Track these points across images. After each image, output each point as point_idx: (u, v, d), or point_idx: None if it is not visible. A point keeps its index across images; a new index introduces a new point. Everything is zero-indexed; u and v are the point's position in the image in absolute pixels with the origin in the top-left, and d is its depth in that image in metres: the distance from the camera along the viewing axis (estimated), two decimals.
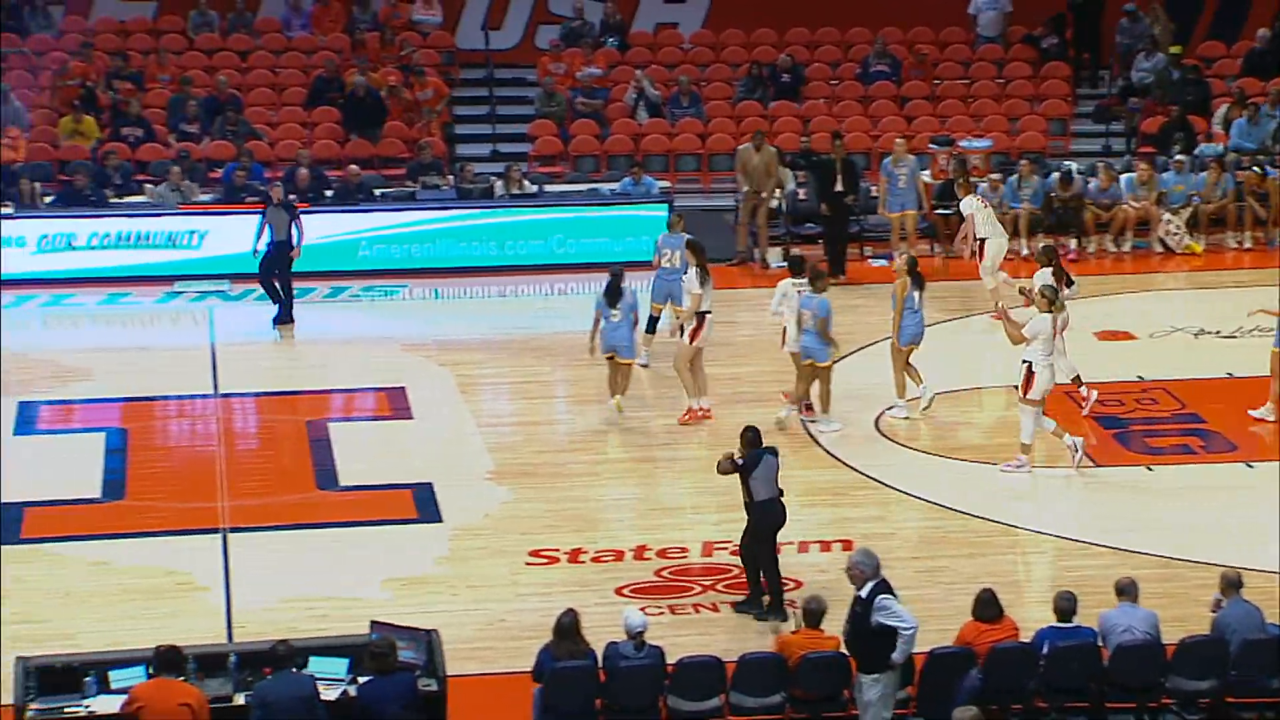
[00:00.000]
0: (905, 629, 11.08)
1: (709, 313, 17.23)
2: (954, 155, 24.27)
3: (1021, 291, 17.08)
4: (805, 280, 17.05)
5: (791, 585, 13.75)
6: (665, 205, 22.88)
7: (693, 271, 17.25)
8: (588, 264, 22.24)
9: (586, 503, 15.72)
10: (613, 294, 17.17)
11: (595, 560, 14.28)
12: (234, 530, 14.76)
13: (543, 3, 27.72)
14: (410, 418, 17.58)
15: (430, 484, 15.70)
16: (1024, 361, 15.91)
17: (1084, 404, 17.44)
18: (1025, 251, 23.46)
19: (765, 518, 13.35)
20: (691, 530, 14.85)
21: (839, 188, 22.20)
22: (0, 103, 24.22)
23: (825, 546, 14.50)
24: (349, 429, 17.36)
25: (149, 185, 23.27)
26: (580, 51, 26.68)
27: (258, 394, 18.33)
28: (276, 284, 20.35)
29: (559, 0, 27.62)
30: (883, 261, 22.93)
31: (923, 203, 22.98)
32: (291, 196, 21.27)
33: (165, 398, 18.24)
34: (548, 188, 24.12)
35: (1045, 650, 11.51)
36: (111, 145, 23.93)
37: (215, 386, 18.47)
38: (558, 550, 14.40)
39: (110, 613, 13.28)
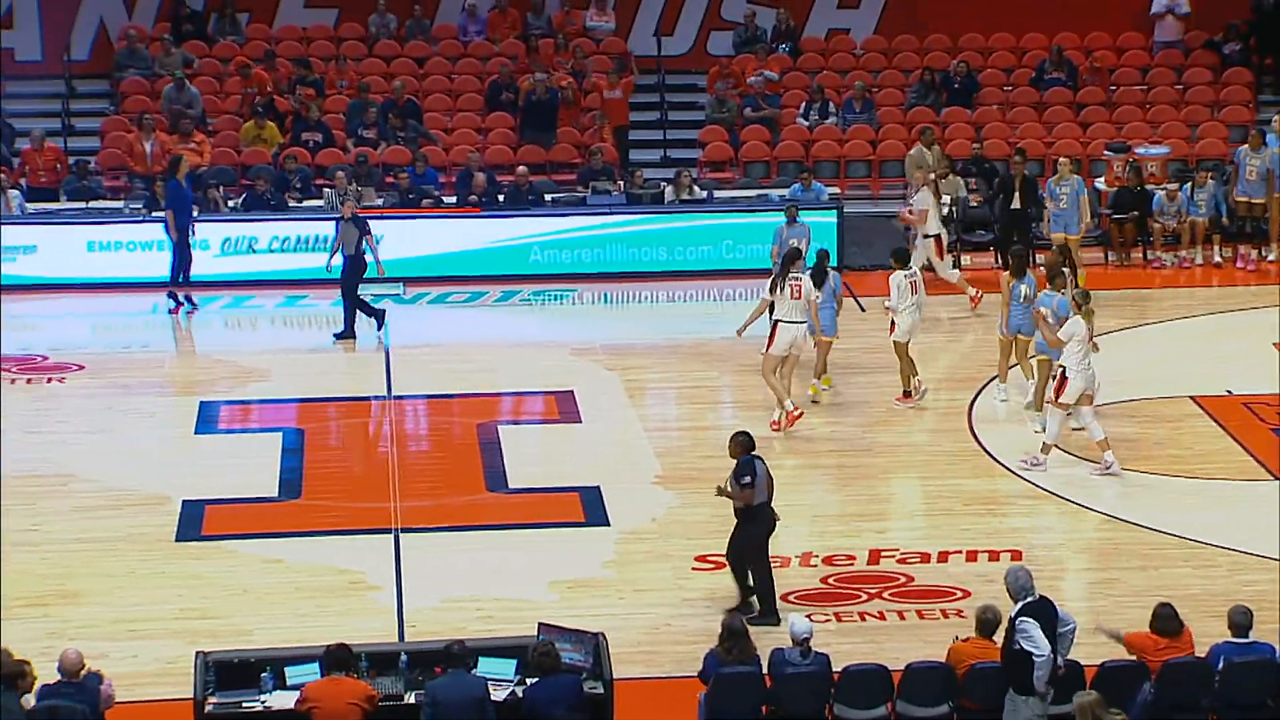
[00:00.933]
0: (1037, 655, 10.93)
1: (795, 322, 17.09)
2: (1130, 162, 23.87)
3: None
4: (914, 270, 18.01)
5: (960, 595, 13.61)
6: (835, 211, 22.81)
7: (773, 280, 17.37)
8: (757, 269, 22.20)
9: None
10: (818, 276, 17.85)
11: None
12: (405, 531, 14.95)
13: (715, 9, 27.73)
14: (579, 421, 17.69)
15: (598, 487, 15.77)
16: (1059, 366, 16.01)
17: None
18: (1199, 260, 23.01)
19: (760, 524, 13.23)
20: (858, 538, 14.77)
21: (1015, 204, 21.79)
22: (180, 95, 24.79)
23: (994, 556, 14.34)
24: (518, 432, 17.50)
25: (327, 189, 23.65)
26: (752, 57, 26.67)
27: (429, 396, 18.55)
28: (349, 300, 20.05)
29: (731, 6, 27.61)
30: None
31: (1085, 221, 22.23)
32: (356, 208, 20.60)
33: (340, 399, 18.54)
34: (717, 193, 24.13)
35: (1220, 665, 11.26)
36: (292, 150, 24.35)
37: (388, 388, 18.73)
38: (723, 556, 14.39)
39: (285, 610, 13.51)
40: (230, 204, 23.41)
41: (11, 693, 10.60)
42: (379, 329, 20.25)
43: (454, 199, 23.68)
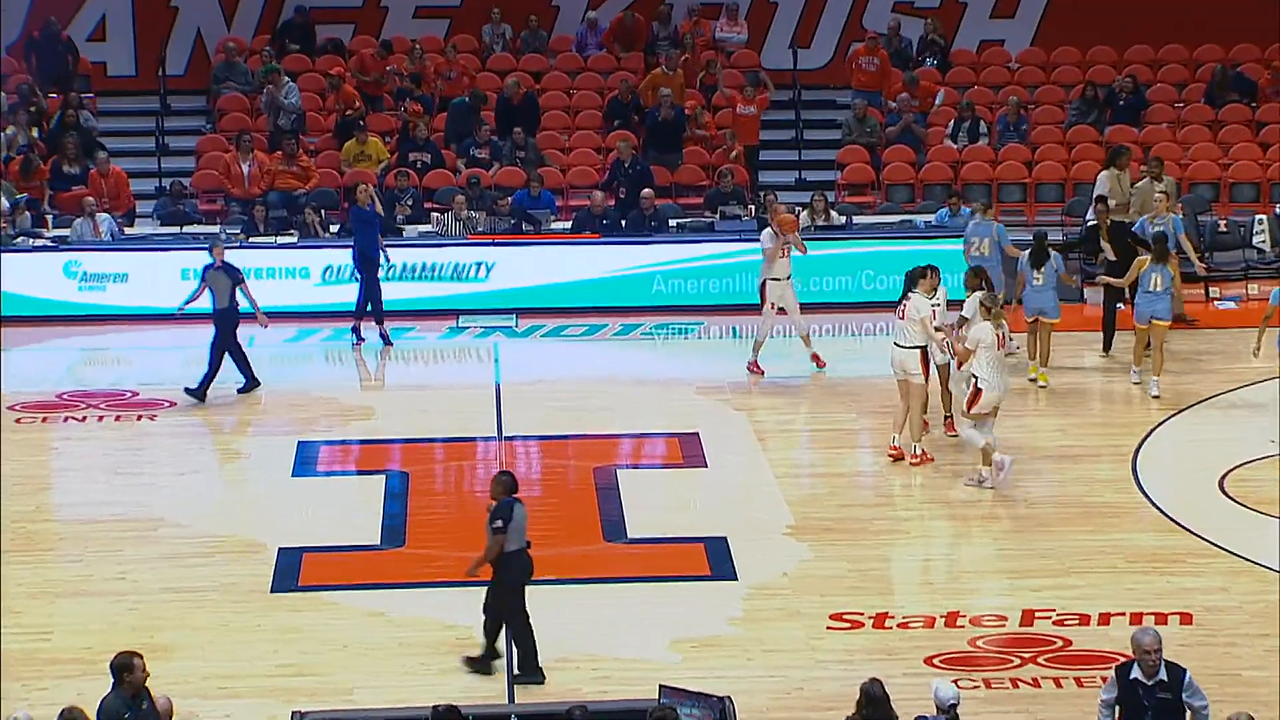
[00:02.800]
0: (1206, 709, 10.98)
1: (898, 345, 17.46)
2: None
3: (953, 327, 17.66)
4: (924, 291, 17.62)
5: (1122, 661, 13.45)
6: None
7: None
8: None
9: (894, 563, 15.64)
10: (1038, 256, 19.00)
11: (902, 626, 14.19)
12: None
13: (856, 19, 27.73)
14: (704, 466, 17.72)
15: (724, 538, 15.78)
16: (971, 376, 16.62)
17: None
18: None
19: (513, 571, 13.22)
20: (1011, 596, 14.66)
21: (1112, 256, 20.77)
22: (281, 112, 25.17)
23: (1161, 619, 14.17)
24: (638, 477, 17.57)
25: (435, 214, 23.88)
26: (897, 72, 26.64)
27: (543, 437, 18.68)
28: (226, 354, 19.41)
29: (874, 15, 27.58)
30: (1230, 304, 22.42)
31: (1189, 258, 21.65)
32: (228, 259, 19.76)
33: (447, 439, 18.71)
34: (856, 219, 24.12)
35: None
36: (401, 169, 24.55)
37: (499, 428, 18.87)
38: (861, 614, 14.35)
39: (388, 667, 13.63)
40: (332, 229, 23.70)
41: (116, 691, 10.87)
42: (197, 390, 19.36)
43: (568, 224, 23.83)
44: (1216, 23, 27.05)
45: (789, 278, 20.06)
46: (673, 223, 23.83)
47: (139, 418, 19.22)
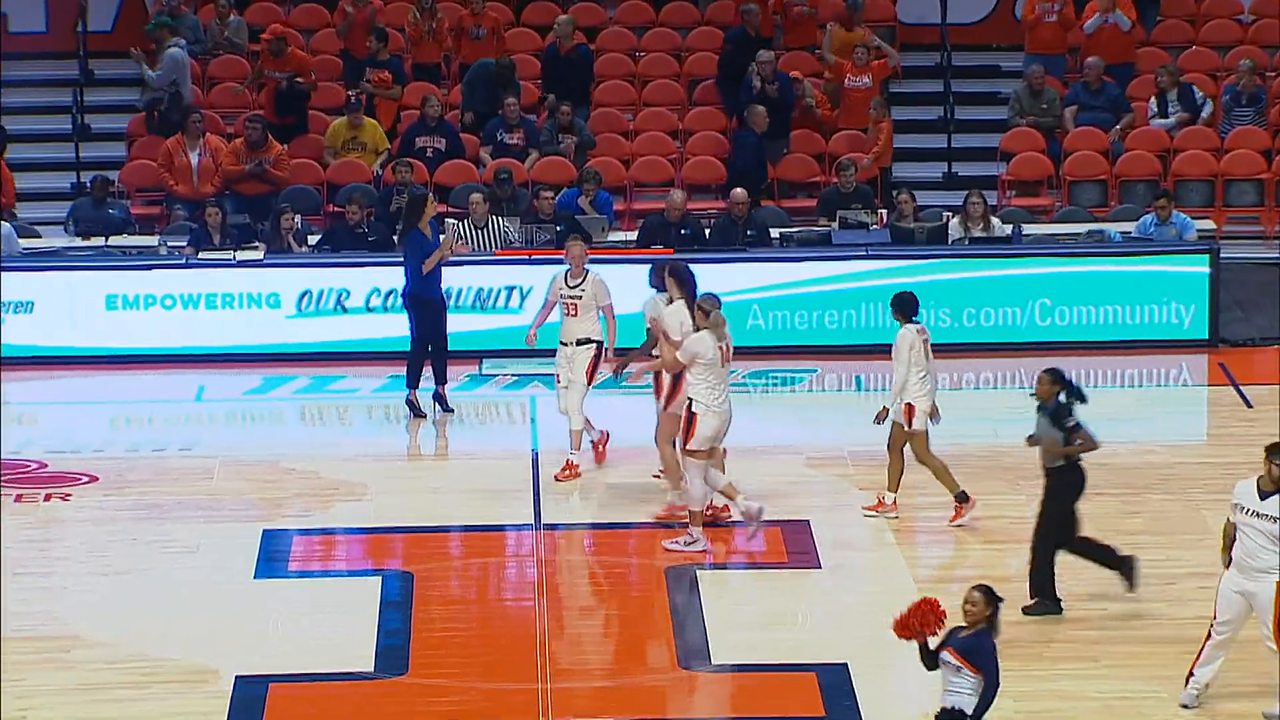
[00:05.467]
0: None
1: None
2: None
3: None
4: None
5: None
6: (1205, 256, 22.67)
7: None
8: (1088, 343, 22.17)
9: (1077, 701, 15.61)
10: None
11: None
12: None
13: None
14: (816, 566, 17.76)
15: (844, 665, 15.80)
16: (686, 399, 17.47)
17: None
18: None
19: None
20: None
21: None
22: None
23: None
24: (727, 581, 17.61)
25: (450, 220, 24.00)
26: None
27: (596, 526, 18.74)
28: None
29: None
30: None
31: None
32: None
33: (466, 528, 18.79)
34: (1027, 228, 24.12)
35: None
36: (397, 162, 24.66)
37: (536, 513, 18.94)
38: None
39: None
40: (312, 240, 23.83)
41: None
42: None
43: (632, 235, 23.92)
44: None
45: (578, 343, 20.06)
46: (774, 234, 23.89)
47: (47, 497, 19.35)
